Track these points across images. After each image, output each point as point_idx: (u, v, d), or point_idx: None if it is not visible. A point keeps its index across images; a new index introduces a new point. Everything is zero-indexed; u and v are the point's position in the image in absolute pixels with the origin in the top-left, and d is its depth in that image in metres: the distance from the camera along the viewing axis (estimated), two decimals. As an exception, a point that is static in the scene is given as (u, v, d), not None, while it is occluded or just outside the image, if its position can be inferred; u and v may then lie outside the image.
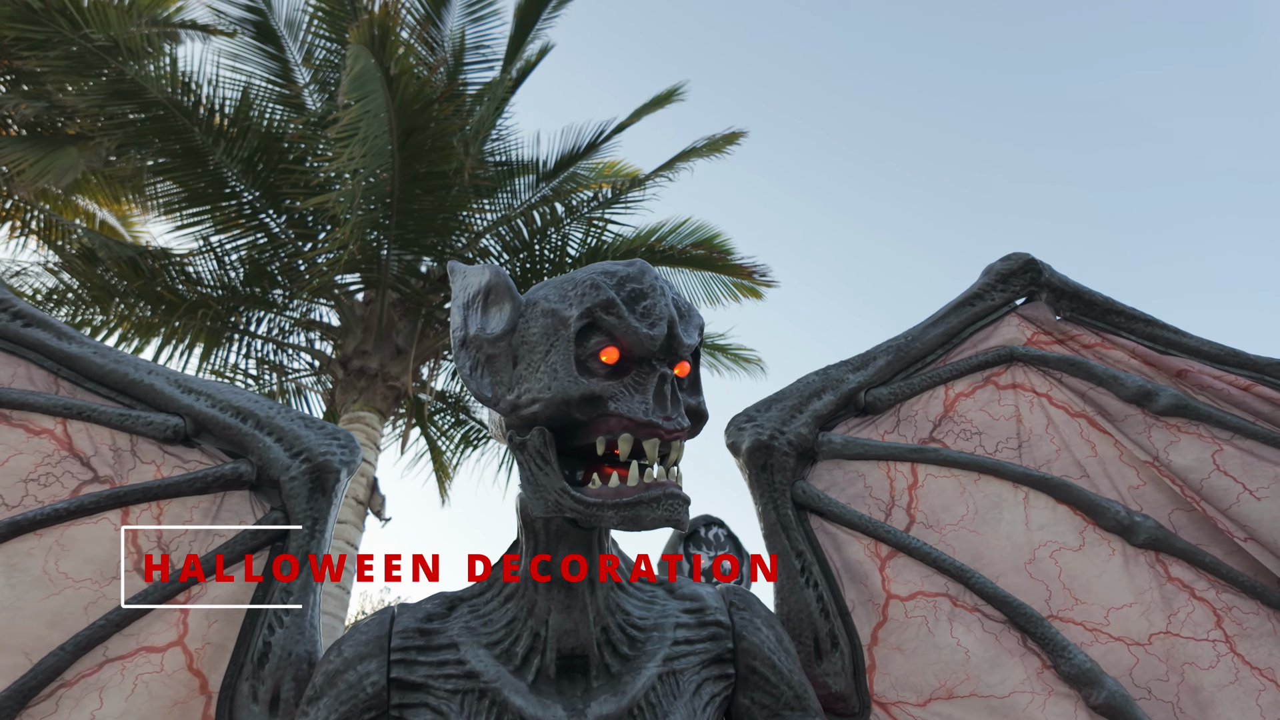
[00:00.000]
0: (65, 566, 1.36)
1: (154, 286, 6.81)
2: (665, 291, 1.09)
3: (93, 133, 6.33)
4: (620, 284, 1.07)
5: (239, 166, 6.34)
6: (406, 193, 5.73)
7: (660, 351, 1.04)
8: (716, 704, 1.21)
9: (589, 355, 1.03)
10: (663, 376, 1.02)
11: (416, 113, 5.33)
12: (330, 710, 1.13)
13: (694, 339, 1.09)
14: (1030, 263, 1.83)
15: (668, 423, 1.00)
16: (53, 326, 1.52)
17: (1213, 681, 1.45)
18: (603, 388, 1.01)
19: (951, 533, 1.60)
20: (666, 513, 0.97)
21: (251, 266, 7.14)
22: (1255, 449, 1.56)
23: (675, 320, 1.06)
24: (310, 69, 6.88)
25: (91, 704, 1.28)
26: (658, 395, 1.01)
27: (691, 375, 1.13)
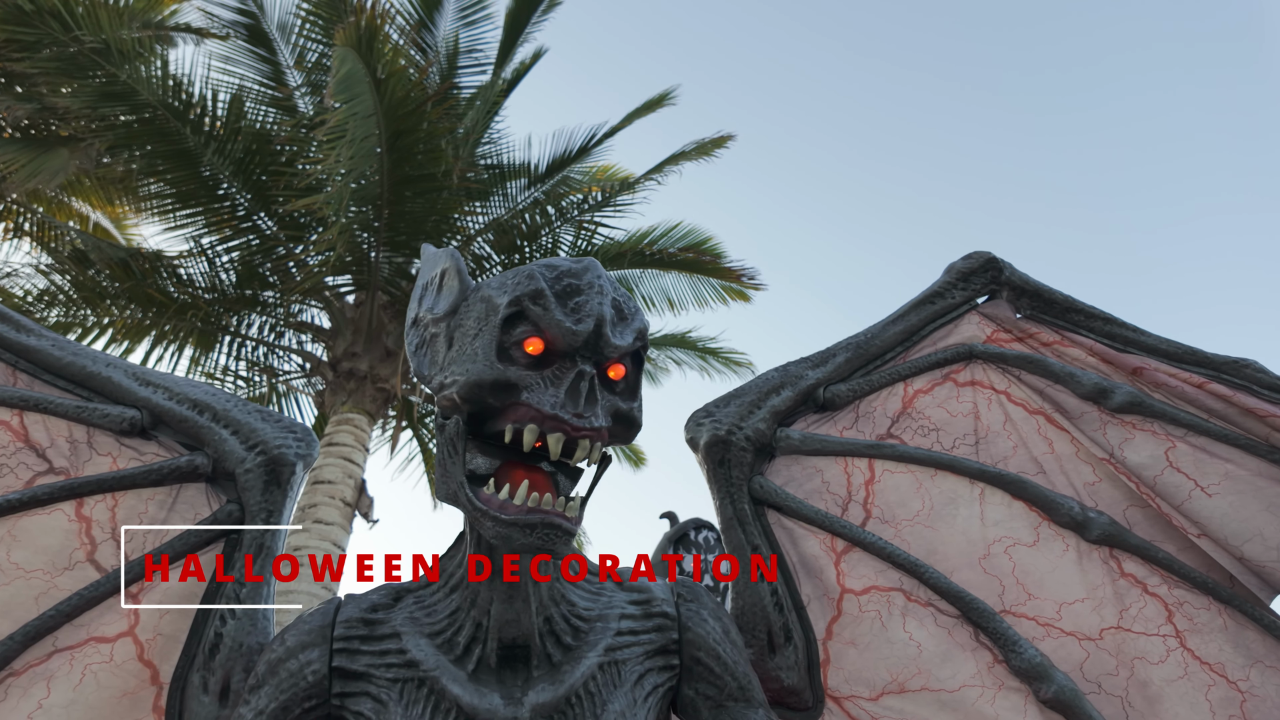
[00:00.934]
0: (16, 557, 1.36)
1: (145, 288, 6.82)
2: (605, 291, 1.08)
3: (84, 134, 6.35)
4: (558, 278, 1.07)
5: (230, 168, 6.36)
6: (396, 195, 5.75)
7: (584, 348, 1.03)
8: (660, 694, 1.22)
9: (513, 343, 1.04)
10: (581, 373, 1.01)
11: (405, 115, 5.35)
12: (271, 698, 1.14)
13: (626, 341, 1.08)
14: (991, 261, 1.84)
15: (577, 420, 0.99)
16: (11, 319, 1.53)
17: (1162, 676, 1.46)
18: (519, 376, 1.01)
19: (907, 528, 1.61)
20: (538, 541, 0.97)
21: (243, 268, 7.16)
22: (1208, 446, 1.57)
23: (605, 320, 1.05)
24: (302, 71, 6.91)
25: (39, 693, 1.29)
26: (571, 391, 1.01)
27: (629, 380, 1.11)
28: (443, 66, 7.15)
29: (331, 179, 5.41)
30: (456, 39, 7.88)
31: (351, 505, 5.73)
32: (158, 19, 8.13)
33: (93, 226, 9.42)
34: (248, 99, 6.61)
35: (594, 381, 1.03)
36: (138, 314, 6.73)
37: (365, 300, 6.55)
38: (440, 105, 5.94)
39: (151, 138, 6.20)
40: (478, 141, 7.57)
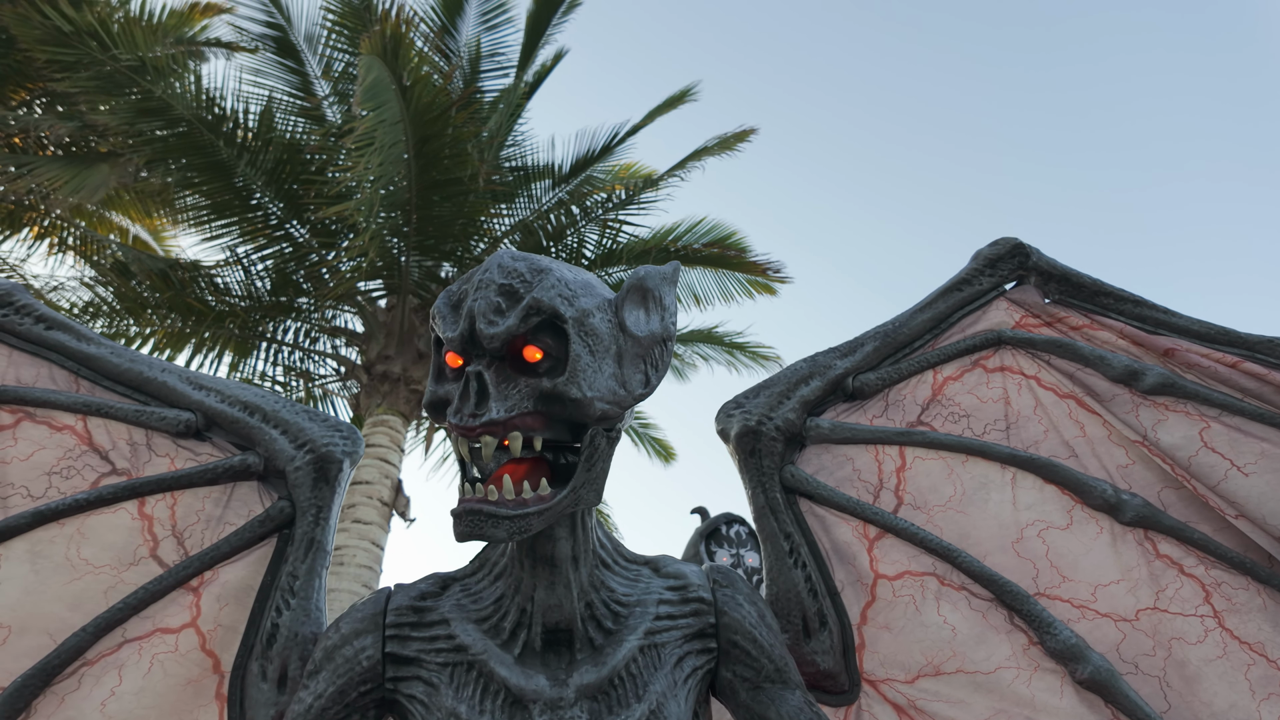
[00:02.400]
0: (85, 553, 1.44)
1: (184, 298, 7.01)
2: (490, 283, 1.07)
3: (123, 150, 6.55)
4: (456, 289, 1.12)
5: (262, 178, 6.51)
6: (424, 199, 5.84)
7: (469, 348, 1.05)
8: (698, 676, 1.25)
9: (442, 361, 1.10)
10: (467, 376, 1.03)
11: (431, 121, 5.44)
12: (329, 683, 1.20)
13: (505, 324, 1.04)
14: (1018, 247, 1.84)
15: (471, 420, 1.00)
16: (72, 329, 1.61)
17: (1200, 656, 1.46)
18: (445, 392, 1.07)
19: (939, 513, 1.63)
20: (468, 528, 0.99)
21: (277, 275, 7.32)
22: (1242, 425, 1.56)
23: (478, 314, 1.04)
24: (329, 81, 7.04)
25: (111, 681, 1.36)
26: (463, 395, 1.02)
27: (554, 354, 1.07)
28: (465, 71, 7.25)
29: (361, 186, 5.52)
30: (478, 43, 7.97)
31: (389, 505, 5.85)
32: (189, 34, 8.35)
33: (132, 239, 9.70)
34: (278, 110, 6.76)
35: (482, 377, 1.02)
36: (178, 323, 6.92)
37: (397, 304, 6.67)
38: (465, 110, 6.02)
39: (187, 151, 6.38)
40: (502, 144, 7.66)
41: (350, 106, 6.93)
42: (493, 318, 1.04)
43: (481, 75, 8.00)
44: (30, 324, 1.59)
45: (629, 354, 1.16)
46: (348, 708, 1.19)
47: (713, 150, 6.91)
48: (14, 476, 1.47)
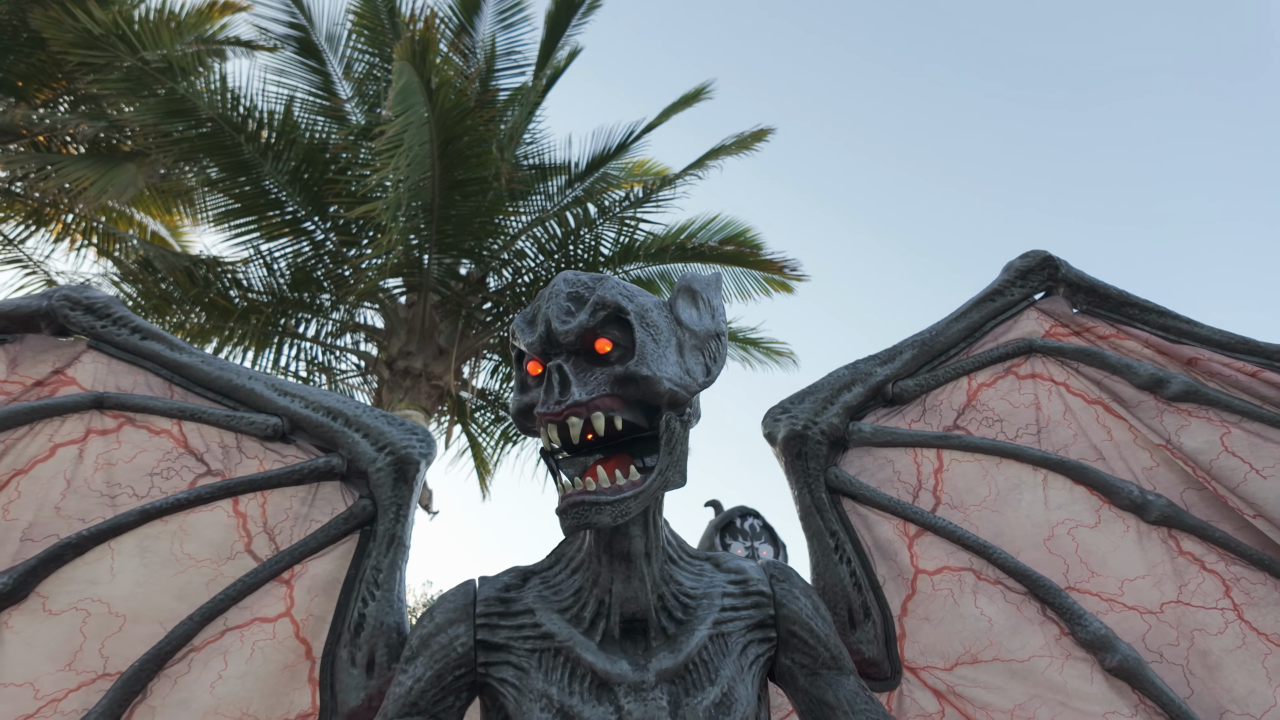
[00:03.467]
0: (188, 548, 1.56)
1: (207, 294, 7.14)
2: (556, 294, 1.21)
3: (148, 149, 6.66)
4: (528, 309, 1.26)
5: (286, 178, 6.62)
6: (446, 199, 5.95)
7: (548, 348, 1.18)
8: (761, 663, 1.36)
9: (525, 374, 1.22)
10: (548, 371, 1.15)
11: (455, 122, 5.53)
12: (426, 668, 1.31)
13: (576, 322, 1.18)
14: (1048, 259, 1.94)
15: (556, 406, 1.12)
16: (165, 339, 1.72)
17: (1221, 646, 1.57)
18: (531, 397, 1.19)
19: (975, 512, 1.73)
20: (575, 520, 1.11)
21: (299, 273, 7.44)
22: (1262, 431, 1.67)
23: (552, 317, 1.18)
24: (350, 82, 7.14)
25: (218, 666, 1.48)
26: (546, 389, 1.14)
27: (622, 343, 1.20)
28: (482, 69, 7.33)
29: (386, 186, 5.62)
30: (493, 42, 8.06)
31: (412, 498, 5.96)
32: (209, 32, 8.44)
33: (150, 235, 9.83)
34: (301, 110, 6.86)
35: (561, 369, 1.14)
36: (203, 319, 7.05)
37: (418, 301, 6.79)
38: (485, 110, 6.12)
39: (211, 150, 6.49)
40: (518, 142, 7.75)
41: (372, 107, 7.05)
42: (565, 317, 1.18)
43: (497, 74, 8.09)
44: (127, 334, 1.70)
45: (688, 345, 1.31)
46: (443, 690, 1.31)
47: (730, 149, 7.00)
48: (120, 477, 1.59)
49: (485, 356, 7.51)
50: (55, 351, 1.67)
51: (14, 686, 1.40)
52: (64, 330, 1.71)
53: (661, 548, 1.35)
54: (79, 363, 1.67)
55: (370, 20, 6.78)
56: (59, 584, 1.48)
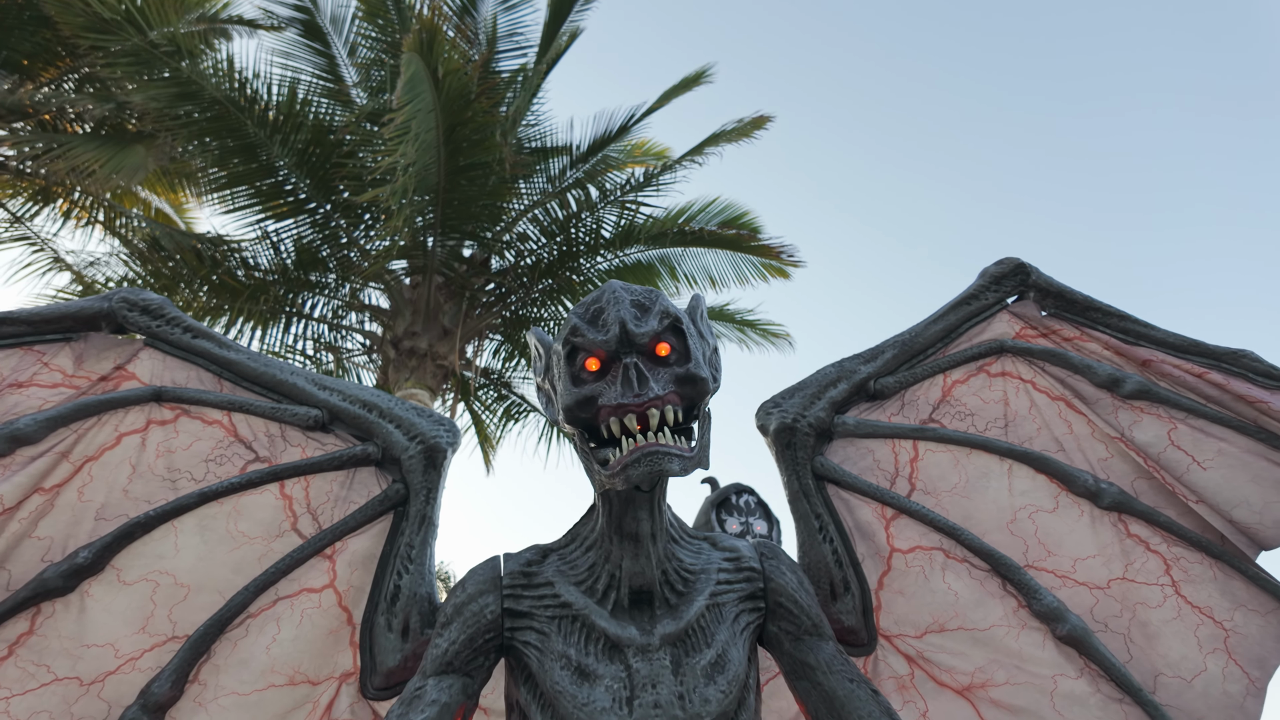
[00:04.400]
0: (241, 527, 1.74)
1: (215, 273, 7.27)
2: (621, 299, 1.37)
3: (156, 131, 6.76)
4: (585, 309, 1.40)
5: (292, 159, 6.73)
6: (451, 184, 6.07)
7: (622, 348, 1.33)
8: (751, 629, 1.55)
9: (579, 369, 1.37)
10: (625, 366, 1.31)
11: (460, 108, 5.64)
12: (460, 631, 1.50)
13: (650, 327, 1.34)
14: (1020, 266, 2.11)
15: (636, 399, 1.28)
16: (214, 338, 1.89)
17: (1159, 618, 1.77)
18: (591, 389, 1.33)
19: (946, 498, 1.92)
20: (648, 467, 1.25)
21: (304, 252, 7.57)
22: (1204, 427, 1.85)
23: (626, 320, 1.33)
24: (355, 64, 7.21)
25: (272, 630, 1.67)
26: (624, 381, 1.30)
27: (676, 350, 1.37)
28: (483, 51, 7.40)
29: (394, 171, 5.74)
30: (495, 23, 8.11)
31: (419, 475, 6.15)
32: (213, 10, 8.48)
33: (155, 212, 9.93)
34: (309, 93, 6.94)
35: (638, 366, 1.31)
36: (212, 299, 7.19)
37: (422, 283, 6.93)
38: (488, 96, 6.22)
39: (218, 132, 6.58)
40: (519, 123, 7.84)
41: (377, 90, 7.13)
42: (637, 321, 1.34)
43: (499, 56, 8.15)
44: (179, 333, 1.87)
45: (707, 353, 1.49)
46: (475, 651, 1.50)
47: (730, 136, 7.10)
48: (179, 463, 1.77)
49: (488, 337, 7.68)
50: (116, 349, 1.84)
51: (97, 647, 1.59)
52: (121, 329, 1.87)
53: (665, 529, 1.54)
54: (137, 359, 1.84)
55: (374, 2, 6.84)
56: (131, 558, 1.66)
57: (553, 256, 7.41)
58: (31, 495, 1.64)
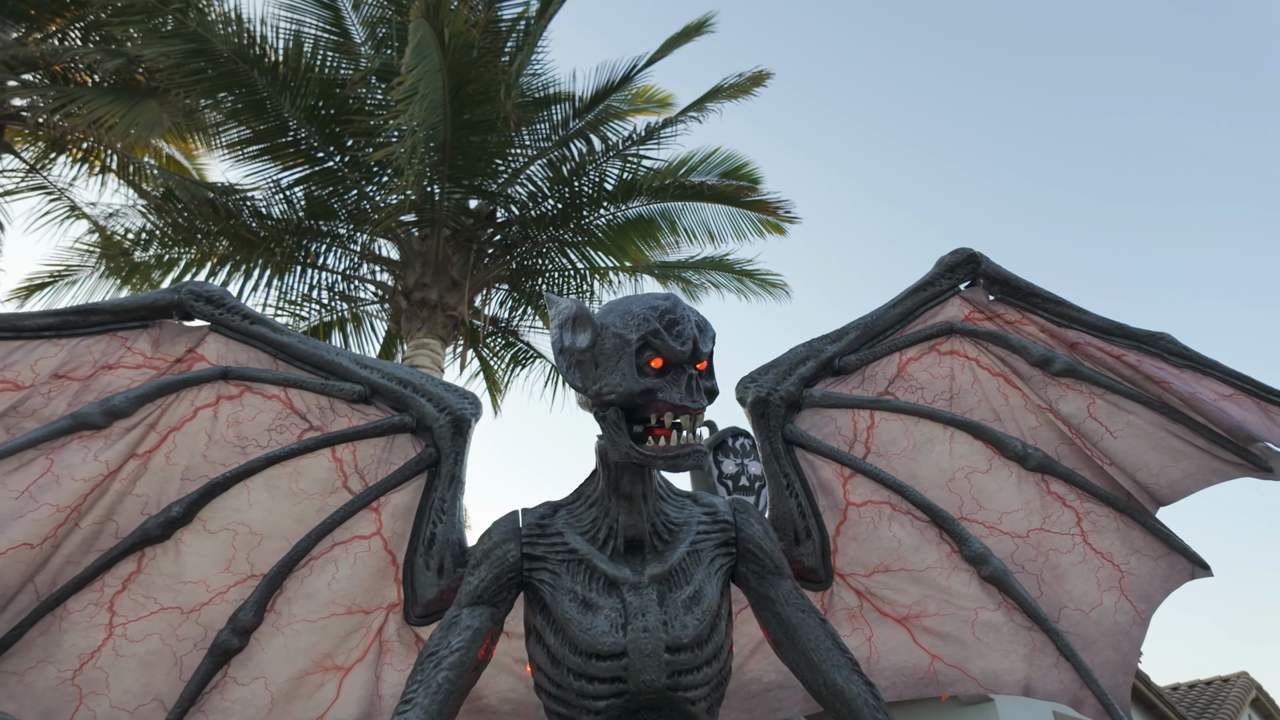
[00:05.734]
0: (302, 485, 2.08)
1: (233, 227, 7.50)
2: (690, 318, 1.66)
3: (168, 87, 6.89)
4: (662, 316, 1.67)
5: (302, 114, 6.88)
6: (457, 140, 6.23)
7: (688, 359, 1.65)
8: (723, 570, 1.89)
9: (644, 363, 1.65)
10: (690, 375, 1.62)
11: (465, 67, 5.76)
12: (488, 571, 1.84)
13: (709, 347, 1.67)
14: (971, 256, 2.37)
15: (694, 404, 1.60)
16: (268, 323, 2.19)
17: (1067, 561, 2.12)
18: (654, 384, 1.63)
19: (895, 460, 2.24)
20: (692, 462, 1.59)
21: (315, 203, 7.78)
22: (1118, 402, 2.16)
23: (697, 338, 1.64)
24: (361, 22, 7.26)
25: (331, 570, 2.03)
26: (688, 387, 1.61)
27: (708, 368, 1.70)
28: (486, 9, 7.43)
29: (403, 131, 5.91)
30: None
31: (433, 420, 6.53)
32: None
33: (166, 159, 10.08)
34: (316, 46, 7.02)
35: (696, 379, 1.63)
36: (229, 250, 7.45)
37: (431, 235, 7.17)
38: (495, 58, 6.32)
39: (229, 86, 6.71)
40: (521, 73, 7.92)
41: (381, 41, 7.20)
42: (702, 342, 1.65)
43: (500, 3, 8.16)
44: (239, 319, 2.17)
45: None
46: (500, 587, 1.84)
47: (728, 92, 7.19)
48: (247, 432, 2.09)
49: (496, 287, 7.95)
50: (186, 335, 2.15)
51: (192, 583, 1.95)
52: (189, 316, 2.17)
53: (655, 490, 1.87)
54: (205, 343, 2.15)
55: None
56: (213, 511, 2.01)
57: (557, 209, 7.61)
58: (129, 460, 1.98)
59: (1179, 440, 2.09)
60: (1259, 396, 2.14)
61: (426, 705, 1.67)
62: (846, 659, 1.78)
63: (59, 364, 2.03)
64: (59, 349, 2.05)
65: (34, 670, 1.86)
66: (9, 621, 1.87)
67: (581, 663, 1.73)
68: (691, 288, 8.48)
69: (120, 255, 7.20)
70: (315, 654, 2.00)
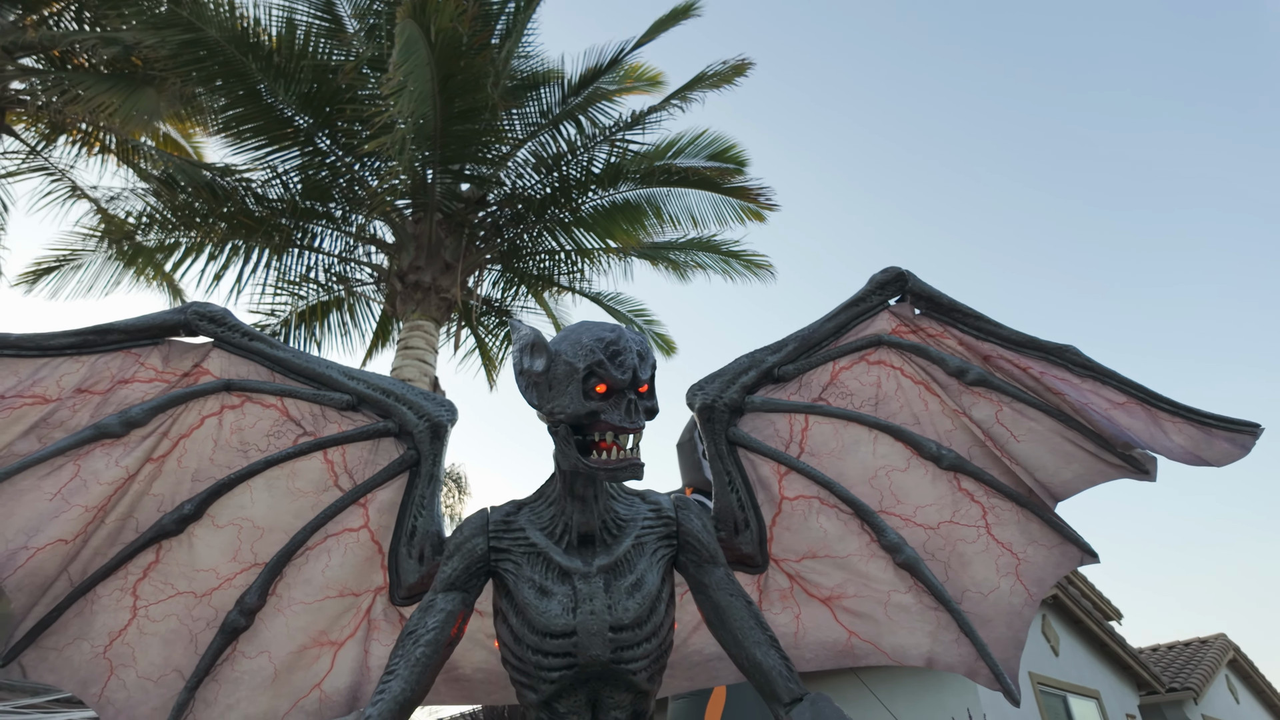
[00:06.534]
0: (297, 484, 2.36)
1: (227, 207, 7.71)
2: (632, 349, 1.90)
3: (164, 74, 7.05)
4: (606, 347, 1.93)
5: (296, 100, 7.05)
6: (446, 129, 6.42)
7: (628, 386, 1.90)
8: (665, 560, 2.17)
9: (590, 388, 1.91)
10: (630, 400, 1.87)
11: (453, 58, 5.92)
12: (460, 562, 2.12)
13: (648, 374, 1.91)
14: (900, 275, 2.61)
15: (632, 424, 1.85)
16: (265, 340, 2.45)
17: (972, 550, 2.40)
18: (598, 406, 1.89)
19: (826, 459, 2.51)
20: (629, 474, 1.84)
21: (310, 185, 7.98)
22: (1022, 410, 2.42)
23: (637, 367, 1.88)
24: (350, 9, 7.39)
25: (325, 559, 2.32)
26: (628, 410, 1.86)
27: (649, 390, 1.95)
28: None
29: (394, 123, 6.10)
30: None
31: (427, 399, 6.84)
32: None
33: (164, 138, 10.24)
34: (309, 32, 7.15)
35: (635, 402, 1.88)
36: (228, 232, 7.67)
37: (424, 219, 7.38)
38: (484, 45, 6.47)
39: (224, 76, 6.87)
40: (513, 56, 8.05)
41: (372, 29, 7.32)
42: (641, 369, 1.90)
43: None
44: (239, 337, 2.43)
45: None
46: (470, 575, 2.13)
47: (711, 81, 7.33)
48: (249, 438, 2.37)
49: (489, 268, 8.17)
50: (193, 351, 2.41)
51: (204, 571, 2.25)
52: (194, 334, 2.43)
53: (605, 491, 2.14)
54: (209, 358, 2.41)
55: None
56: (220, 508, 2.29)
57: (546, 193, 7.80)
58: (145, 464, 2.26)
59: (1071, 445, 2.36)
60: (1149, 404, 2.40)
61: (406, 675, 1.97)
62: (766, 636, 2.08)
63: (81, 379, 2.30)
64: (80, 365, 2.32)
65: (71, 646, 2.17)
66: (47, 605, 2.17)
67: (538, 640, 2.02)
68: (679, 268, 8.71)
69: (124, 238, 7.42)
70: (312, 631, 2.31)
